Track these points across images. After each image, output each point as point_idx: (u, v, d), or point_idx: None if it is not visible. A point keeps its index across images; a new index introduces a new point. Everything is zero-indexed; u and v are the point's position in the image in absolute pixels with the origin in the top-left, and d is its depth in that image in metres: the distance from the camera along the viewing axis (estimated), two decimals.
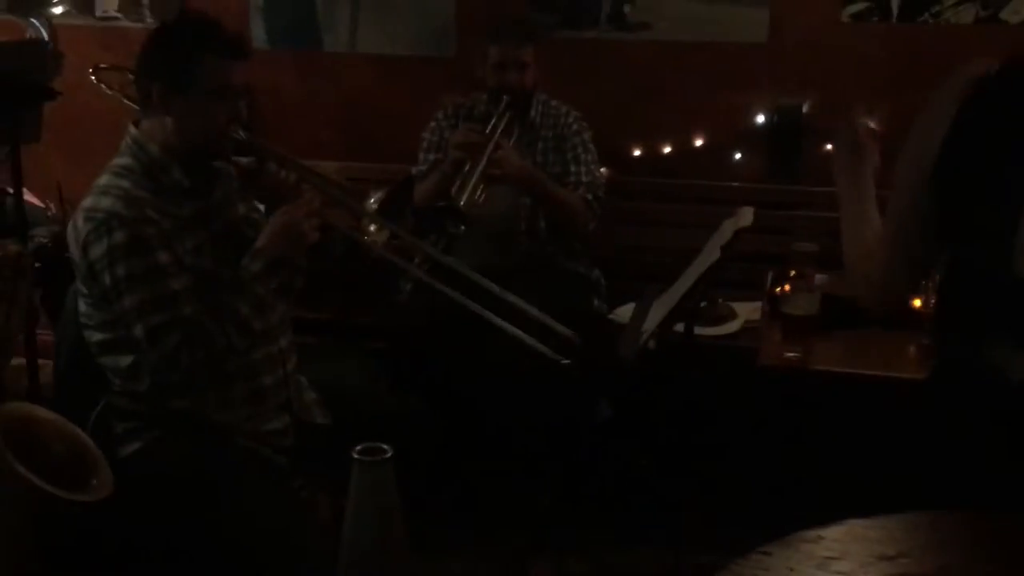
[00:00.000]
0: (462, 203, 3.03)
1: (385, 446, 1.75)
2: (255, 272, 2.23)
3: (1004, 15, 3.50)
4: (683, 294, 2.51)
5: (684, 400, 2.63)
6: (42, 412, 1.76)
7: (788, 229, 3.53)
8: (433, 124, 3.50)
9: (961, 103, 1.62)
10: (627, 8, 3.77)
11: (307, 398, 2.52)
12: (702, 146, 3.82)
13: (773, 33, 3.67)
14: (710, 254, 2.55)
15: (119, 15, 4.20)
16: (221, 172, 2.35)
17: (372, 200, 2.45)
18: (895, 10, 3.56)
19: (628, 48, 3.80)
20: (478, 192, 3.09)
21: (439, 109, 3.54)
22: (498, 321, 2.36)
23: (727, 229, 2.62)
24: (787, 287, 2.56)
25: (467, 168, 3.12)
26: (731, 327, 3.20)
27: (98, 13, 4.22)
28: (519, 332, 2.35)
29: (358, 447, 1.74)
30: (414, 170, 3.46)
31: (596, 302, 3.46)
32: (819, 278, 2.74)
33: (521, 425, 2.89)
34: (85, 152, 4.23)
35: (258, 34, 4.04)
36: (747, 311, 3.27)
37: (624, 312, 3.47)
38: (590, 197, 3.38)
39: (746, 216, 2.58)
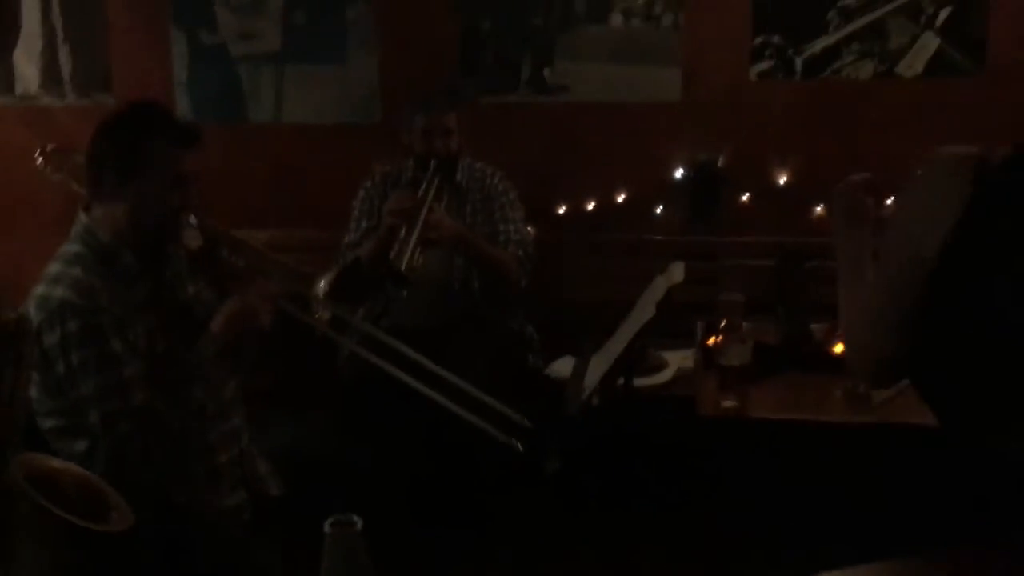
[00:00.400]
0: (403, 267, 3.10)
1: (355, 517, 1.81)
2: (209, 356, 2.27)
3: (899, 70, 3.73)
4: (621, 350, 2.61)
5: (628, 451, 2.72)
6: (55, 462, 1.80)
7: (711, 279, 3.68)
8: (362, 193, 3.56)
9: (968, 195, 1.52)
10: (546, 72, 3.91)
11: (261, 470, 2.55)
12: (624, 201, 3.96)
13: (686, 92, 3.84)
14: (644, 310, 2.66)
15: (40, 93, 4.20)
16: (170, 253, 2.39)
17: (322, 283, 2.50)
18: (799, 67, 3.76)
19: (549, 110, 3.94)
20: (416, 255, 3.16)
21: (367, 178, 3.59)
22: (449, 404, 2.43)
23: (660, 285, 2.74)
24: (719, 338, 2.68)
25: (403, 233, 3.20)
26: (664, 376, 3.31)
27: (18, 92, 4.22)
28: (471, 416, 2.41)
29: (329, 520, 1.80)
30: (346, 238, 3.51)
31: (531, 358, 3.54)
32: (746, 326, 2.88)
33: (473, 482, 2.95)
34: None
35: (183, 108, 4.08)
36: (678, 359, 3.38)
37: (559, 367, 3.57)
38: (521, 254, 3.47)
39: (677, 272, 2.71)
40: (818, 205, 3.84)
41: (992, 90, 3.68)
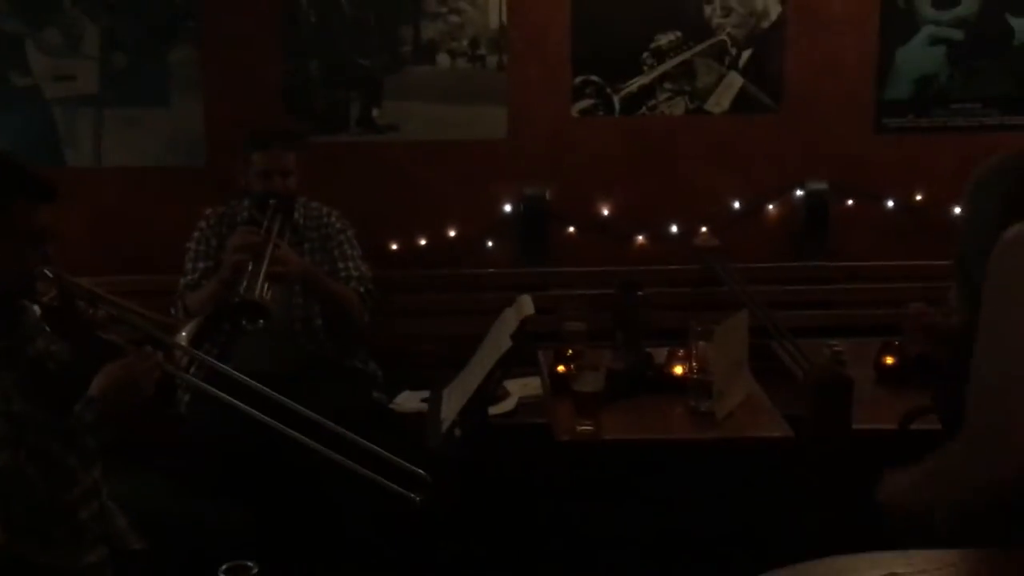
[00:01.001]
0: (256, 297, 3.06)
1: (250, 563, 1.81)
2: (88, 422, 2.20)
3: (708, 107, 3.99)
4: (480, 381, 2.68)
5: (493, 480, 2.80)
6: None
7: (544, 308, 3.81)
8: (198, 234, 3.50)
9: None
10: (375, 112, 3.96)
11: (120, 525, 2.48)
12: (455, 236, 4.06)
13: (512, 129, 3.98)
14: (499, 342, 2.75)
15: None
16: (22, 308, 2.31)
17: (184, 332, 2.47)
18: (617, 105, 3.97)
19: (379, 149, 4.00)
20: (265, 289, 3.14)
21: (201, 219, 3.53)
22: (345, 462, 2.44)
23: (511, 318, 2.84)
24: (571, 366, 2.80)
25: (250, 268, 3.17)
26: (508, 405, 3.41)
27: None
28: (368, 472, 2.42)
29: (224, 566, 1.80)
30: (183, 279, 3.45)
31: (376, 394, 3.57)
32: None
33: (337, 518, 2.96)
34: None
35: None
36: (518, 388, 3.50)
37: (403, 401, 3.62)
38: (362, 290, 3.50)
39: (527, 304, 2.81)
40: (639, 235, 4.06)
41: (789, 124, 4.00)
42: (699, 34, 3.92)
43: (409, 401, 3.62)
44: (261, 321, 3.10)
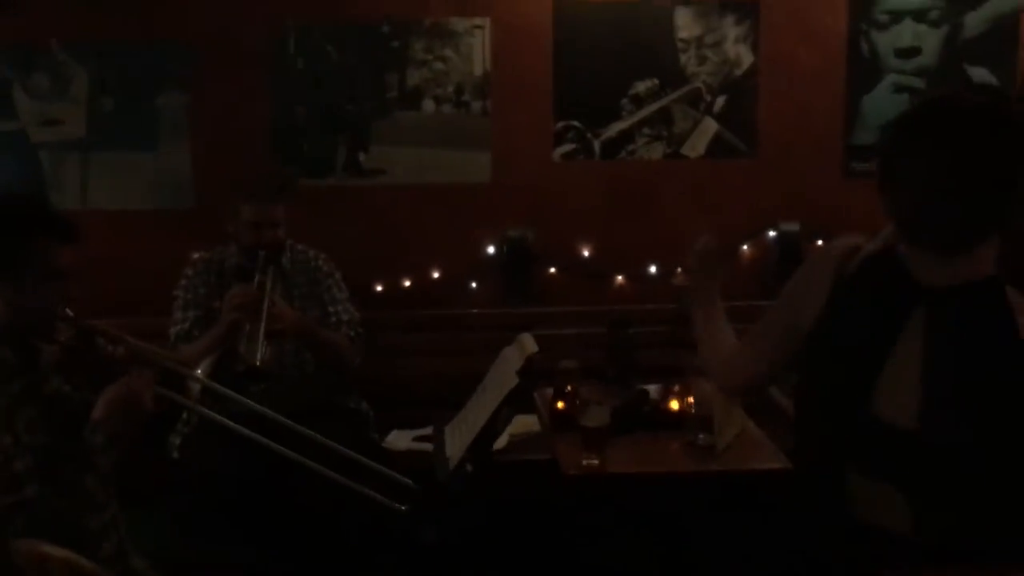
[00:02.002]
0: (257, 361, 3.10)
1: None
2: (99, 444, 2.23)
3: (684, 151, 4.13)
4: (487, 418, 2.75)
5: (504, 515, 2.86)
6: (50, 548, 1.73)
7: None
8: (185, 281, 3.50)
9: (835, 279, 1.89)
10: (362, 156, 4.04)
11: (137, 565, 2.50)
12: (439, 278, 4.13)
13: (495, 173, 4.08)
14: (504, 380, 2.82)
15: None
16: (42, 347, 2.34)
17: (199, 371, 2.52)
18: (597, 150, 4.09)
19: (365, 193, 4.07)
20: (264, 351, 3.17)
21: (188, 265, 3.54)
22: (334, 475, 2.49)
23: (513, 357, 2.91)
24: (574, 402, 2.89)
25: (247, 328, 3.19)
26: (500, 442, 3.46)
27: None
28: (354, 484, 2.47)
29: None
30: (173, 328, 3.46)
31: (369, 433, 3.61)
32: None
33: (344, 552, 2.99)
34: None
35: None
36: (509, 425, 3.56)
37: (394, 440, 3.67)
38: (352, 334, 3.55)
39: (530, 343, 2.88)
40: (618, 276, 4.17)
41: (763, 167, 4.15)
42: (675, 81, 4.06)
43: (400, 440, 3.67)
44: (262, 384, 3.14)
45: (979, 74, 4.12)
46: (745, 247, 4.20)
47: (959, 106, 1.78)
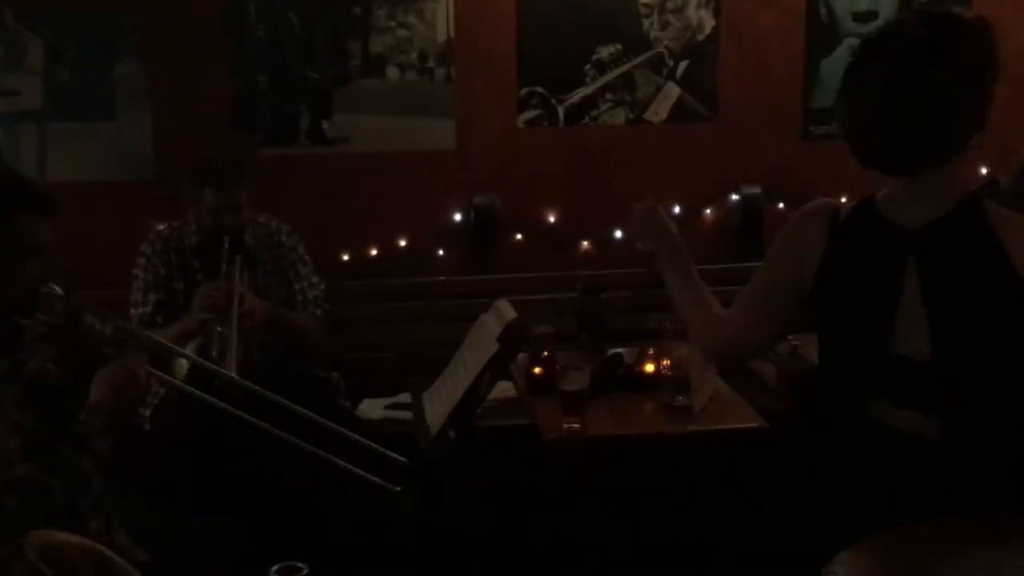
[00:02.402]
0: (233, 370, 3.04)
1: (301, 564, 1.88)
2: (98, 427, 2.21)
3: (647, 116, 4.16)
4: (469, 385, 2.76)
5: (479, 481, 2.88)
6: (62, 536, 1.72)
7: None
8: (144, 261, 3.45)
9: (828, 232, 1.99)
10: (325, 124, 4.01)
11: (121, 539, 2.49)
12: (406, 247, 4.13)
13: (460, 140, 4.08)
14: (484, 346, 2.83)
15: None
16: (25, 324, 2.30)
17: (189, 348, 2.51)
18: (561, 116, 4.10)
19: (329, 161, 4.04)
20: (237, 350, 3.13)
21: (145, 243, 3.48)
22: (330, 457, 2.49)
23: (491, 323, 2.92)
24: (554, 367, 2.92)
25: (219, 329, 3.14)
26: None
27: None
28: (350, 467, 2.47)
29: (275, 567, 1.86)
30: (134, 310, 3.40)
31: (340, 401, 3.61)
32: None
33: (322, 520, 3.00)
34: None
35: None
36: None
37: (366, 409, 3.68)
38: (319, 312, 3.52)
39: (508, 309, 2.89)
40: (584, 241, 4.20)
41: (725, 132, 4.19)
42: (638, 47, 4.08)
43: (372, 409, 3.68)
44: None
45: None
46: (708, 211, 4.25)
47: (900, 36, 1.88)
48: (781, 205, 4.25)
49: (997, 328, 1.84)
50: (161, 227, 3.55)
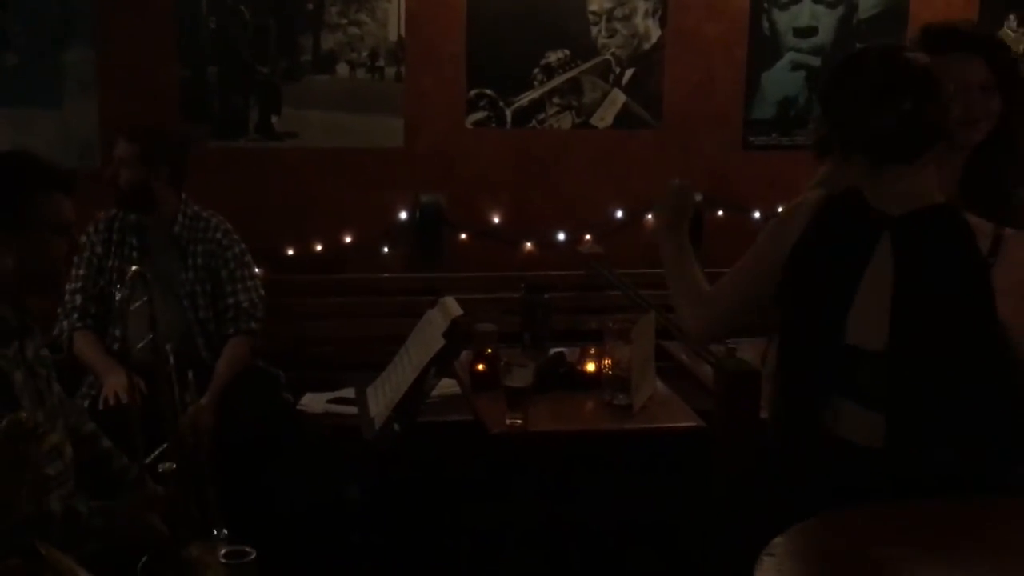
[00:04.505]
0: None
1: (248, 548, 1.92)
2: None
3: (593, 121, 4.24)
4: (413, 379, 2.81)
5: (424, 474, 2.93)
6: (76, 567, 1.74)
7: None
8: (84, 239, 3.45)
9: (808, 218, 2.09)
10: (274, 119, 4.02)
11: (83, 509, 2.49)
12: (352, 242, 4.16)
13: (409, 139, 4.12)
14: (430, 342, 2.89)
15: None
16: (31, 308, 2.33)
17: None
18: (509, 118, 4.16)
19: (278, 155, 4.06)
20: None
21: (91, 223, 3.50)
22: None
23: (437, 319, 2.98)
24: (495, 363, 2.97)
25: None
26: None
27: None
28: None
29: (223, 551, 1.90)
30: (68, 287, 3.42)
31: (282, 395, 3.62)
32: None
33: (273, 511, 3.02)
34: None
35: None
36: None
37: (309, 403, 3.70)
38: (252, 325, 3.46)
39: (453, 306, 2.96)
40: (528, 241, 4.27)
41: (668, 138, 4.29)
42: (586, 53, 4.16)
43: (315, 403, 3.70)
44: None
45: None
46: (649, 216, 4.33)
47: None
48: (721, 212, 4.36)
49: (958, 326, 1.91)
50: (111, 212, 3.55)
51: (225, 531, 2.33)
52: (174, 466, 2.28)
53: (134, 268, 2.42)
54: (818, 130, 2.13)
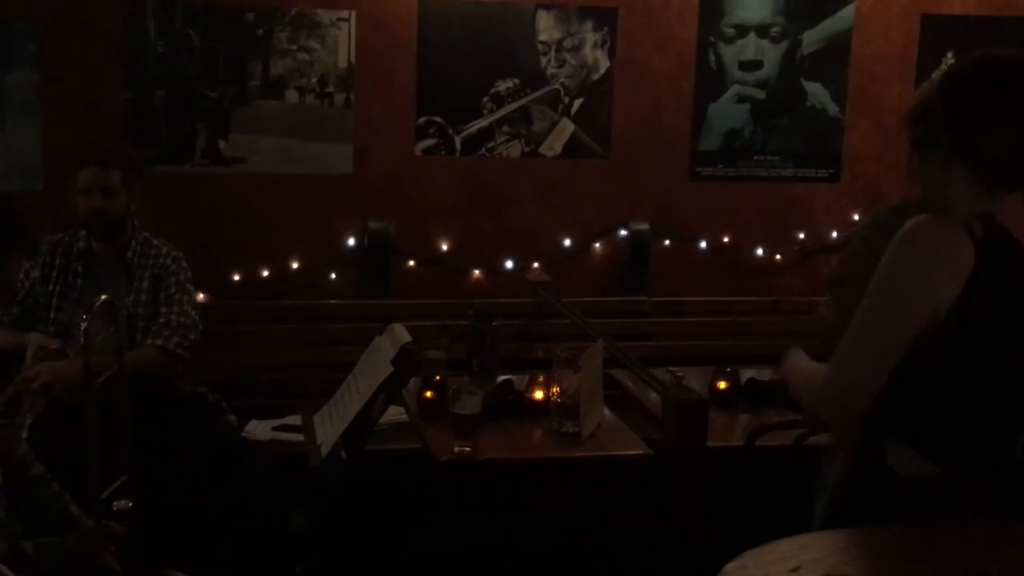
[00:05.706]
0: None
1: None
2: None
3: (542, 150, 4.26)
4: (361, 407, 2.79)
5: (372, 502, 2.91)
6: None
7: None
8: (28, 264, 3.39)
9: (975, 248, 1.79)
10: (221, 144, 4.00)
11: (56, 490, 2.47)
12: (299, 269, 4.13)
13: (357, 166, 4.11)
14: (378, 368, 2.87)
15: None
16: None
17: None
18: (458, 146, 4.18)
19: (225, 180, 4.03)
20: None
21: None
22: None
23: (385, 346, 2.97)
24: (443, 391, 2.97)
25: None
26: None
27: None
28: None
29: None
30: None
31: (228, 419, 3.57)
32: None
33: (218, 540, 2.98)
34: None
35: None
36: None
37: (255, 429, 3.66)
38: (175, 341, 3.39)
39: (402, 333, 2.95)
40: (476, 269, 4.27)
41: (616, 168, 4.33)
42: (535, 82, 4.19)
43: (260, 430, 3.66)
44: None
45: (814, 88, 4.42)
46: (597, 245, 4.37)
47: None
48: (667, 242, 4.40)
49: None
50: (57, 236, 3.51)
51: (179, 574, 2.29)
52: (129, 504, 2.24)
53: (103, 297, 2.38)
54: (927, 140, 1.87)
